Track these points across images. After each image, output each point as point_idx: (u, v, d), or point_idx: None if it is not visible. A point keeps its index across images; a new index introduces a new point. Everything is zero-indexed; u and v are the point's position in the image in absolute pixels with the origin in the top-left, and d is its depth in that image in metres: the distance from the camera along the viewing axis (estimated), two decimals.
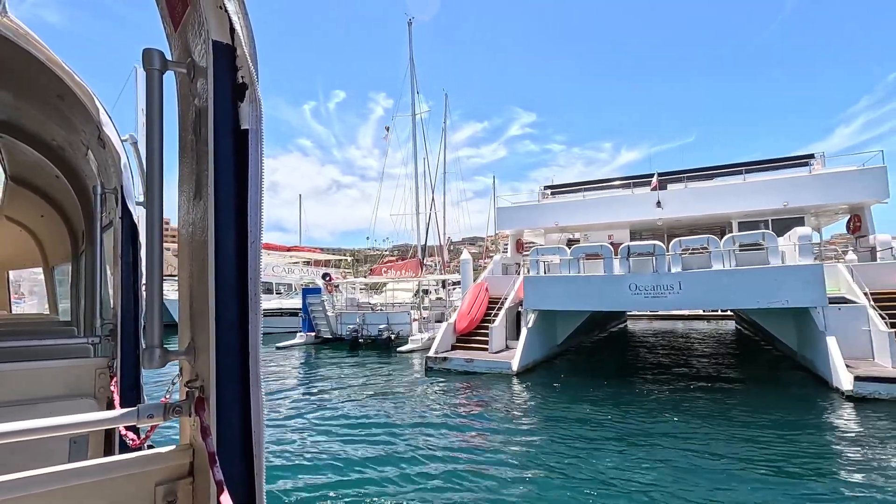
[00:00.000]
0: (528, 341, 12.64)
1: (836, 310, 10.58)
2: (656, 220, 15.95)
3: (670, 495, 5.32)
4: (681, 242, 11.55)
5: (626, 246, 12.00)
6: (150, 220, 0.91)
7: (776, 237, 10.94)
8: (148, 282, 0.91)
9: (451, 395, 10.45)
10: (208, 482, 0.84)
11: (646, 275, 11.49)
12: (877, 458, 6.32)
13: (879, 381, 8.82)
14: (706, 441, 7.13)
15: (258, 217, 0.88)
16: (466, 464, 6.37)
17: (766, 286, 10.40)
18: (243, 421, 0.87)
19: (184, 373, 0.98)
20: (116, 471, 0.88)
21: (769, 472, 5.91)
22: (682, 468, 6.11)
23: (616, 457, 6.54)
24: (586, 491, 5.50)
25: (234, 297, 0.88)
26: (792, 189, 14.41)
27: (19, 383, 2.10)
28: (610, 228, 17.52)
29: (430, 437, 7.55)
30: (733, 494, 5.32)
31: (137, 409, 0.89)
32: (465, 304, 14.77)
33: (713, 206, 15.37)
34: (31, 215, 3.94)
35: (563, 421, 8.34)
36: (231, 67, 0.88)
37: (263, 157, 0.89)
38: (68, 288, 3.89)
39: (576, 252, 12.54)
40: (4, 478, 0.80)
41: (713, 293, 10.99)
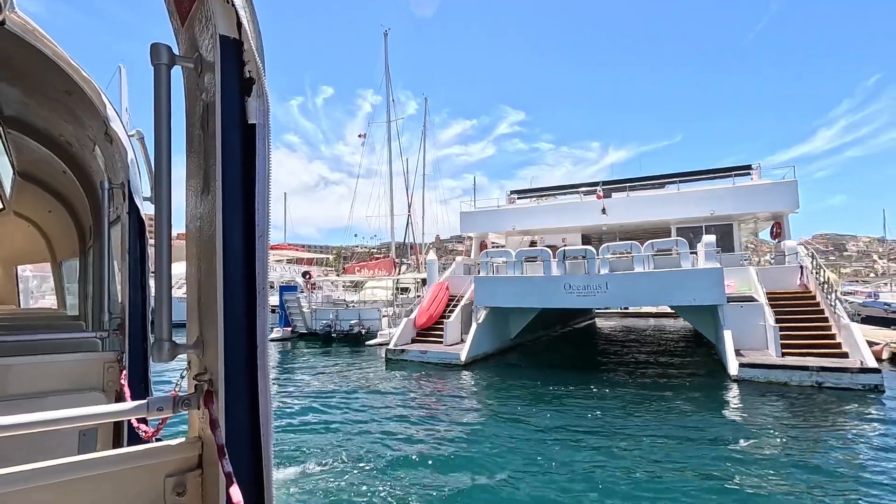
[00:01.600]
0: (478, 335, 14.11)
1: (738, 307, 12.20)
2: (601, 225, 17.53)
3: (577, 455, 6.75)
4: (609, 248, 13.10)
5: (562, 250, 13.53)
6: (158, 215, 0.91)
7: (687, 244, 12.52)
8: (157, 276, 0.91)
9: (403, 381, 11.88)
10: (217, 474, 0.84)
11: (578, 276, 13.01)
12: (745, 421, 7.93)
13: (756, 367, 10.44)
14: (622, 415, 8.62)
15: (266, 212, 0.89)
16: (405, 436, 7.79)
17: (677, 286, 11.98)
18: (251, 414, 0.88)
19: (192, 366, 0.98)
20: (127, 463, 0.89)
21: (668, 436, 7.37)
22: (595, 434, 7.60)
23: (532, 429, 8.00)
24: (496, 453, 6.96)
25: (241, 292, 0.88)
26: (717, 199, 16.06)
27: (29, 377, 2.12)
28: (564, 232, 19.06)
29: (379, 416, 8.97)
30: (638, 452, 6.76)
31: (147, 401, 0.90)
32: (425, 301, 16.21)
33: (652, 213, 16.97)
34: (39, 210, 3.98)
35: (498, 403, 9.81)
36: (238, 62, 0.88)
37: (271, 151, 0.89)
38: (76, 283, 3.97)
39: (519, 256, 14.04)
40: (17, 469, 0.80)
41: (635, 292, 12.55)
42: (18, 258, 5.74)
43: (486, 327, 14.61)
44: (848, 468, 6.08)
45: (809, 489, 5.49)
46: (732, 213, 16.11)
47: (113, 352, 2.38)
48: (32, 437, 0.88)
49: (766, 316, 11.72)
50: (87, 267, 3.31)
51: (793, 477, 5.83)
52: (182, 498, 0.92)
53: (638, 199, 17.31)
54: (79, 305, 3.67)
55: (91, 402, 2.07)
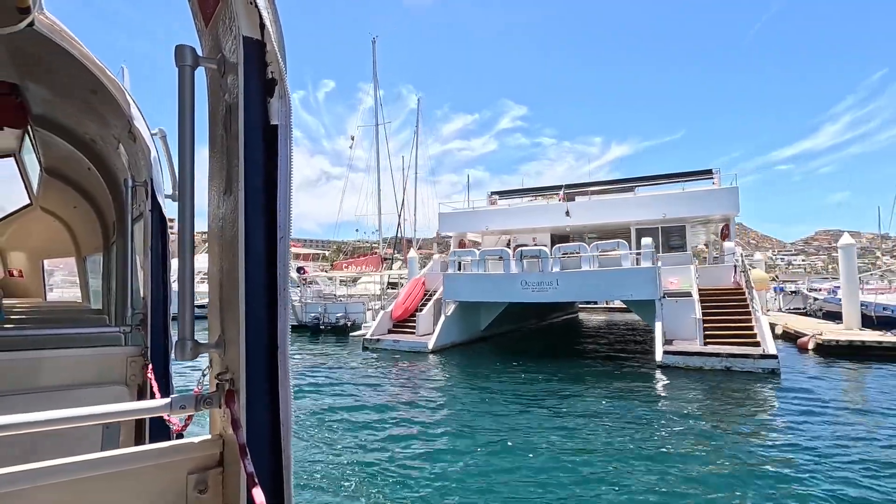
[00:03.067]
0: (446, 326, 15.64)
1: (674, 302, 13.67)
2: (566, 226, 19.00)
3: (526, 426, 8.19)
4: (560, 248, 14.58)
5: (519, 250, 15.04)
6: (181, 213, 0.91)
7: (627, 245, 13.98)
8: (180, 275, 0.92)
9: (375, 365, 13.47)
10: (238, 473, 0.86)
11: (534, 273, 14.51)
12: (661, 398, 9.45)
13: (677, 354, 11.94)
14: (563, 394, 10.08)
15: (287, 212, 0.90)
16: (369, 405, 9.34)
17: (617, 283, 13.47)
18: (272, 414, 0.89)
19: (214, 365, 0.99)
20: (151, 459, 0.90)
21: (597, 411, 8.77)
22: (535, 405, 9.12)
23: (480, 402, 9.53)
24: (443, 421, 8.50)
25: (263, 291, 0.89)
26: (668, 204, 17.49)
27: (56, 369, 2.14)
28: (534, 232, 20.53)
29: (351, 394, 10.55)
30: (569, 420, 8.24)
31: (171, 400, 0.91)
32: (401, 296, 17.77)
33: (613, 215, 18.42)
34: (64, 206, 4.00)
35: (456, 383, 11.36)
36: (261, 63, 0.88)
37: (292, 152, 0.90)
38: (100, 277, 4.01)
39: (482, 255, 15.55)
40: (43, 464, 0.81)
41: (582, 288, 14.05)
42: (44, 252, 5.91)
43: (454, 319, 16.13)
44: (742, 432, 7.48)
45: (708, 446, 6.85)
46: (682, 216, 17.54)
47: (135, 346, 2.41)
48: (59, 430, 0.90)
49: (696, 309, 13.19)
50: (111, 262, 3.36)
51: (697, 437, 7.22)
52: (204, 495, 0.93)
53: (599, 203, 18.79)
54: (102, 300, 3.76)
55: (114, 395, 2.13)
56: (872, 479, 5.58)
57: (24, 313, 3.65)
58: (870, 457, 6.32)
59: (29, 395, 1.91)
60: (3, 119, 2.44)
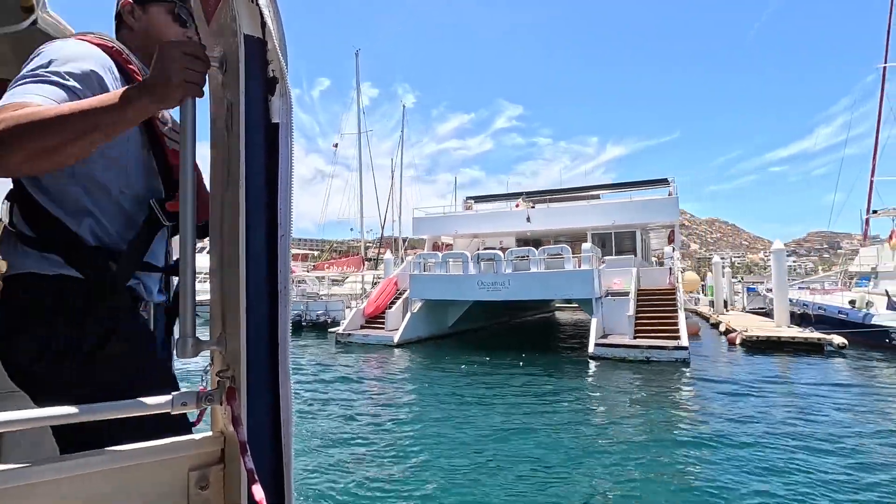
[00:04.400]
0: (412, 322, 17.21)
1: (612, 300, 15.28)
2: (527, 231, 20.61)
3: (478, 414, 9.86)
4: (511, 252, 16.17)
5: (476, 253, 16.61)
6: (183, 211, 0.92)
7: (570, 250, 15.59)
8: (181, 272, 0.93)
9: (344, 356, 15.04)
10: (238, 470, 0.87)
11: (489, 274, 16.10)
12: (588, 383, 11.02)
13: (606, 347, 13.56)
14: (511, 380, 11.61)
15: (288, 211, 0.91)
16: (332, 391, 10.91)
17: (560, 284, 15.07)
18: (272, 412, 0.90)
19: (215, 362, 1.00)
20: (152, 455, 0.91)
21: (535, 393, 10.36)
22: (475, 392, 10.69)
23: (436, 388, 11.09)
24: (403, 404, 10.07)
25: (263, 289, 0.90)
26: (618, 211, 19.14)
27: None
28: (500, 236, 22.14)
29: (315, 379, 12.11)
30: (510, 404, 9.88)
31: (172, 397, 0.92)
32: (374, 294, 19.34)
33: (569, 221, 20.05)
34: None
35: (416, 373, 12.90)
36: (262, 62, 0.89)
37: (293, 150, 0.91)
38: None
39: (444, 257, 17.13)
40: (45, 461, 0.82)
41: (531, 288, 15.64)
42: None
43: (420, 316, 17.69)
44: (653, 410, 8.98)
45: (623, 420, 8.37)
46: (631, 223, 19.18)
47: None
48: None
49: (630, 307, 14.80)
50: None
51: (616, 412, 8.76)
52: (205, 492, 0.94)
53: (557, 209, 20.43)
54: None
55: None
56: (729, 449, 6.82)
57: None
58: (736, 429, 7.80)
59: (24, 394, 2.18)
60: None
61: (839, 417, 8.22)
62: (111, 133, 0.96)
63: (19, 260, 1.15)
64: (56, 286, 1.12)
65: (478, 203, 27.20)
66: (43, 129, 0.89)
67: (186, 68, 0.88)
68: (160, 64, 0.88)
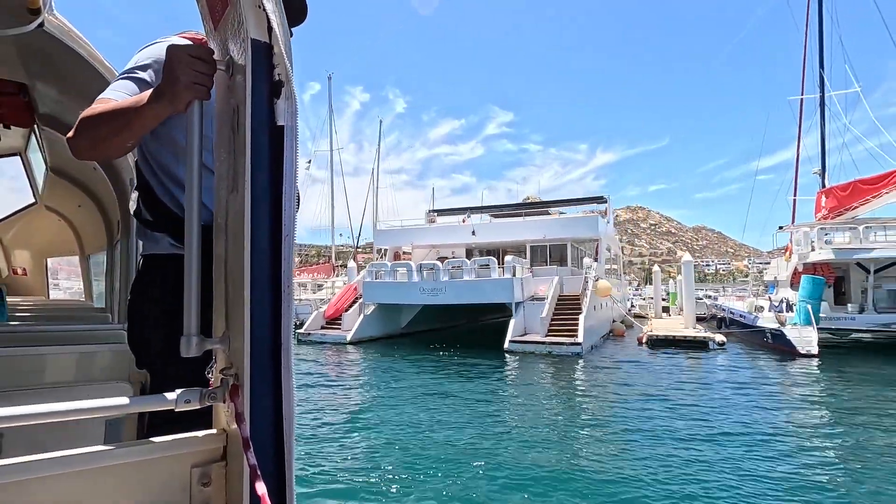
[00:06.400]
0: (364, 323, 19.72)
1: (532, 303, 17.90)
2: (472, 243, 23.28)
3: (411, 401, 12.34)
4: (448, 262, 18.78)
5: (419, 263, 19.19)
6: (188, 210, 0.94)
7: (495, 262, 18.22)
8: (186, 271, 0.94)
9: (303, 352, 17.48)
10: (241, 466, 0.88)
11: (429, 281, 18.67)
12: (500, 371, 13.57)
13: (517, 343, 16.20)
14: (437, 367, 14.17)
15: (292, 212, 0.92)
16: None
17: (487, 290, 17.69)
18: (275, 409, 0.91)
19: (218, 360, 1.01)
20: (156, 452, 0.92)
21: (458, 375, 12.93)
22: (407, 379, 13.20)
23: (377, 378, 13.59)
24: (348, 388, 12.55)
25: (267, 289, 0.90)
26: (547, 227, 21.92)
27: (59, 366, 2.18)
28: (451, 247, 24.78)
29: None
30: (433, 386, 12.38)
31: (176, 394, 0.92)
32: (335, 298, 21.84)
33: (509, 234, 22.78)
34: (69, 205, 4.02)
35: (363, 365, 15.37)
36: (268, 65, 0.91)
37: (298, 153, 0.93)
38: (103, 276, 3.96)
39: (392, 266, 19.72)
40: (46, 456, 0.82)
41: (463, 294, 18.23)
42: (48, 251, 5.89)
43: (374, 318, 20.19)
44: (550, 393, 11.51)
45: (525, 404, 10.88)
46: (559, 237, 21.92)
47: None
48: (61, 425, 0.89)
49: (545, 310, 17.43)
50: (115, 261, 3.38)
51: (521, 394, 11.24)
52: (207, 488, 0.95)
53: (498, 224, 23.18)
54: (105, 298, 3.80)
55: (118, 392, 2.07)
56: (596, 426, 9.38)
57: (27, 311, 3.67)
58: (604, 402, 10.47)
59: (31, 392, 1.91)
60: (10, 118, 2.48)
61: (679, 392, 10.85)
62: (137, 131, 1.07)
63: (143, 243, 1.34)
64: (167, 264, 1.28)
65: (441, 216, 29.88)
66: (97, 122, 1.06)
67: (193, 71, 0.94)
68: (168, 67, 0.95)
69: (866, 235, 18.16)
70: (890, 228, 18.34)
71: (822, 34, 26.02)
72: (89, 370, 2.24)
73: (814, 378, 12.78)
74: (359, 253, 41.15)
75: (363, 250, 47.32)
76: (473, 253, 23.46)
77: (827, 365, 14.45)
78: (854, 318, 17.92)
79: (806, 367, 14.17)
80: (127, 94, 1.13)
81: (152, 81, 1.18)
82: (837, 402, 10.12)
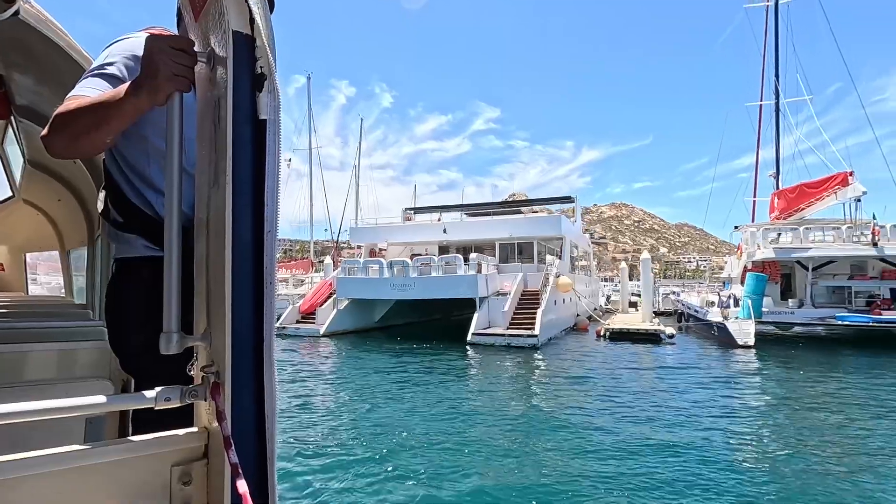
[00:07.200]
0: (338, 317, 20.58)
1: (495, 298, 18.95)
2: (443, 241, 24.26)
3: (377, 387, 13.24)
4: (417, 259, 19.72)
5: (390, 260, 20.11)
6: (168, 205, 0.93)
7: (462, 259, 19.22)
8: (166, 267, 0.93)
9: (278, 345, 18.27)
10: (222, 465, 0.86)
11: (399, 277, 19.60)
12: (464, 361, 14.55)
13: (479, 335, 17.22)
14: (408, 359, 15.15)
15: (275, 207, 0.91)
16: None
17: (453, 285, 18.68)
18: (257, 407, 0.90)
19: (200, 357, 0.99)
20: (135, 451, 0.90)
21: (423, 362, 13.92)
22: (376, 365, 14.12)
23: (346, 367, 14.49)
24: (319, 376, 13.45)
25: (249, 285, 0.89)
26: (515, 226, 23.01)
27: (38, 364, 2.14)
28: (424, 245, 25.72)
29: None
30: (401, 374, 13.30)
31: (156, 392, 0.91)
32: (310, 293, 22.65)
33: (478, 233, 23.79)
34: (48, 199, 3.98)
35: (335, 356, 16.25)
36: (250, 58, 0.89)
37: (280, 147, 0.91)
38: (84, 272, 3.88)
39: (365, 263, 20.60)
40: (24, 455, 0.81)
41: (431, 289, 19.20)
42: (27, 246, 5.79)
43: (347, 312, 21.05)
44: (503, 380, 12.60)
45: (488, 399, 11.97)
46: (525, 236, 23.02)
47: None
48: (41, 423, 0.86)
49: (507, 304, 18.49)
50: (96, 256, 3.33)
51: (477, 380, 12.26)
52: (188, 487, 0.94)
53: (468, 223, 24.20)
54: (86, 294, 3.75)
55: (98, 390, 2.03)
56: (539, 410, 10.65)
57: (6, 307, 3.63)
58: (551, 387, 11.55)
59: (10, 390, 1.86)
60: None
61: (616, 377, 11.98)
62: (115, 127, 1.03)
63: (115, 246, 1.30)
64: (142, 268, 1.25)
65: (417, 213, 30.79)
66: (73, 119, 1.02)
67: (174, 62, 0.91)
68: (148, 58, 0.92)
69: (806, 236, 19.54)
70: (827, 229, 19.74)
71: (777, 46, 27.44)
72: (70, 367, 2.21)
73: (744, 365, 14.11)
74: (343, 248, 41.79)
75: (348, 246, 47.95)
76: (450, 250, 24.41)
77: (761, 355, 15.76)
78: (794, 313, 19.34)
79: (742, 357, 15.48)
80: (100, 91, 1.11)
81: (123, 77, 1.16)
82: (762, 386, 11.45)
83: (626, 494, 5.29)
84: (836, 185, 19.93)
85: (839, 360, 14.96)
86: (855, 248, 18.27)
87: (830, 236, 19.18)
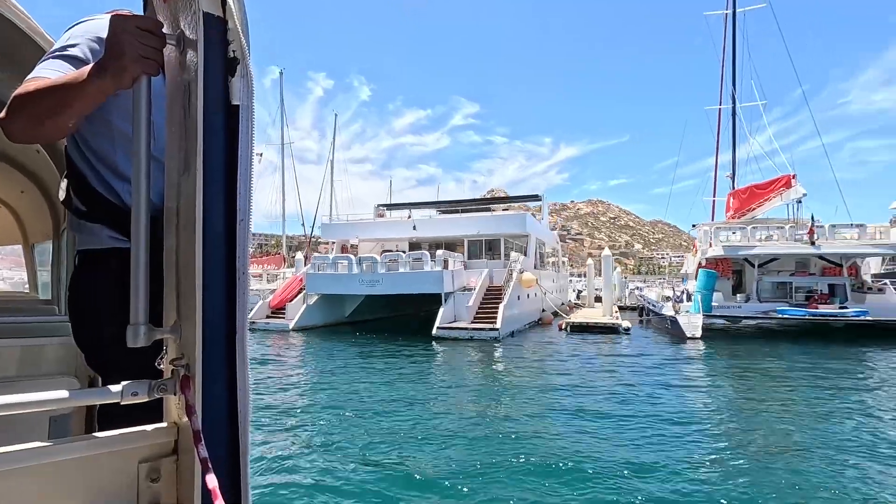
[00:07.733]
0: (307, 312, 20.95)
1: (461, 293, 19.61)
2: (414, 237, 24.82)
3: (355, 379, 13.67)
4: (385, 255, 20.24)
5: (359, 256, 20.57)
6: (136, 194, 0.89)
7: (428, 256, 19.82)
8: (133, 258, 0.89)
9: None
10: (192, 460, 0.83)
11: (368, 273, 20.08)
12: (428, 355, 15.11)
13: (443, 329, 17.88)
14: (370, 349, 15.63)
15: (248, 195, 0.88)
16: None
17: (419, 281, 19.28)
18: (229, 400, 0.88)
19: (169, 350, 0.97)
20: (99, 448, 0.86)
21: (391, 354, 14.42)
22: (344, 357, 14.55)
23: (311, 360, 14.90)
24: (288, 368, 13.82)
25: (221, 276, 0.86)
26: (482, 223, 23.75)
27: (0, 361, 2.09)
28: (395, 241, 26.23)
29: None
30: (373, 366, 13.77)
31: (122, 386, 0.86)
32: (280, 289, 22.93)
33: (447, 230, 24.43)
34: (10, 191, 3.87)
35: (304, 349, 16.64)
36: (222, 41, 0.85)
37: (254, 133, 0.88)
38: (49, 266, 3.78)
39: (335, 259, 21.01)
40: None
41: (399, 285, 19.75)
42: None
43: (316, 307, 21.43)
44: (465, 371, 13.19)
45: (448, 387, 12.53)
46: (492, 233, 23.77)
47: None
48: (2, 422, 0.83)
49: (471, 300, 19.17)
50: (61, 250, 3.27)
51: (439, 371, 12.80)
52: (156, 484, 0.90)
53: (438, 220, 24.82)
54: (52, 289, 3.67)
55: (63, 387, 1.87)
56: (501, 400, 11.30)
57: None
58: (507, 378, 12.21)
59: None
60: None
61: (568, 366, 12.73)
62: (78, 110, 0.98)
63: (78, 237, 1.24)
64: (108, 260, 1.21)
65: (390, 210, 31.23)
66: (33, 101, 0.97)
67: (141, 43, 0.87)
68: (114, 39, 0.87)
69: (753, 234, 20.76)
70: (772, 228, 21.01)
71: (735, 53, 28.75)
72: (35, 364, 2.16)
73: (688, 353, 15.17)
74: (318, 244, 41.81)
75: (323, 242, 47.90)
76: (421, 247, 24.95)
77: (708, 346, 16.82)
78: (741, 307, 20.55)
79: (690, 348, 16.50)
80: (62, 73, 1.05)
81: (87, 59, 1.11)
82: (697, 371, 12.43)
83: (555, 451, 6.05)
84: (780, 187, 21.22)
85: (778, 351, 16.11)
86: (796, 246, 19.53)
87: (775, 235, 20.41)
